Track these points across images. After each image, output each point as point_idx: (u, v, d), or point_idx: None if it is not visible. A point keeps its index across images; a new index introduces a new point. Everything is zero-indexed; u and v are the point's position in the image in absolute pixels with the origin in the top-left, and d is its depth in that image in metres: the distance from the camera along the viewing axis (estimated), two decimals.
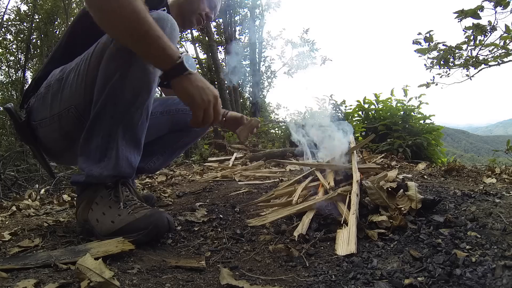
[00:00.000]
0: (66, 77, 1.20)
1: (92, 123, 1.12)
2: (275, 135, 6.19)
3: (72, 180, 1.19)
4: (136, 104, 1.12)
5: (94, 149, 1.13)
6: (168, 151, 1.64)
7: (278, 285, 0.84)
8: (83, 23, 1.30)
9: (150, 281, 0.83)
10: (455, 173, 2.15)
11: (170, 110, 1.61)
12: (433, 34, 3.11)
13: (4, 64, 10.86)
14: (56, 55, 1.35)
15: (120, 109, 1.10)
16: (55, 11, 10.14)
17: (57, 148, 1.33)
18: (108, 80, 1.09)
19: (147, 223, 1.04)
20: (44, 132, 1.28)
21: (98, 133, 1.12)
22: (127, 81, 1.08)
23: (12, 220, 1.52)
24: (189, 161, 4.43)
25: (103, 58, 1.10)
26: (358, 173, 1.42)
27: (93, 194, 1.15)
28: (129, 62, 1.08)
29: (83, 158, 1.15)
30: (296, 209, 1.26)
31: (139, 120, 1.15)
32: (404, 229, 1.09)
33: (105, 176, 1.13)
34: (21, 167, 4.39)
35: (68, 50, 1.32)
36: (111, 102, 1.09)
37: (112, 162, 1.12)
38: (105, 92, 1.09)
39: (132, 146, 1.17)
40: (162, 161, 1.65)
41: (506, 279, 0.75)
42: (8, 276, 0.80)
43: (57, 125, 1.23)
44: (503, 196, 1.43)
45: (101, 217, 1.10)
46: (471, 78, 3.13)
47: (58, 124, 1.23)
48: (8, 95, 10.72)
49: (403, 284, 0.77)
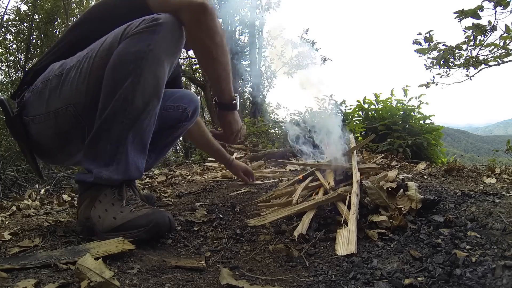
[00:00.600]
0: (67, 74, 1.18)
1: (100, 127, 1.12)
2: (275, 135, 6.19)
3: (78, 179, 1.18)
4: (146, 110, 1.13)
5: (101, 152, 1.13)
6: (159, 147, 1.65)
7: (278, 285, 0.84)
8: (93, 22, 1.30)
9: (150, 281, 0.83)
10: (455, 173, 2.15)
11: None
12: (433, 34, 3.11)
13: (4, 64, 10.87)
14: (58, 49, 1.33)
15: (130, 115, 1.11)
16: (55, 11, 10.14)
17: (50, 146, 1.30)
18: (119, 85, 1.09)
19: (148, 221, 1.05)
20: (37, 129, 1.25)
21: (107, 138, 1.12)
22: (139, 87, 1.09)
23: (12, 220, 1.52)
24: (189, 161, 4.43)
25: (110, 60, 1.11)
26: (358, 173, 1.42)
27: (96, 193, 1.15)
28: (140, 67, 1.08)
29: (90, 160, 1.15)
30: (296, 209, 1.26)
31: (148, 125, 1.16)
32: (404, 229, 1.09)
33: (114, 179, 1.14)
34: (21, 167, 4.39)
35: (71, 44, 1.31)
36: (122, 108, 1.10)
37: (122, 167, 1.13)
38: (115, 97, 1.09)
39: (139, 151, 1.18)
40: (154, 158, 1.65)
41: (506, 279, 0.75)
42: (8, 276, 0.80)
43: (53, 123, 1.21)
44: (503, 196, 1.43)
45: (103, 213, 1.10)
46: (471, 78, 3.13)
47: (53, 122, 1.21)
48: (8, 95, 10.73)
49: (403, 284, 0.77)
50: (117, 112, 1.10)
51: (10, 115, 1.26)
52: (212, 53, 1.21)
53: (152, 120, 1.18)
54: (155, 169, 3.70)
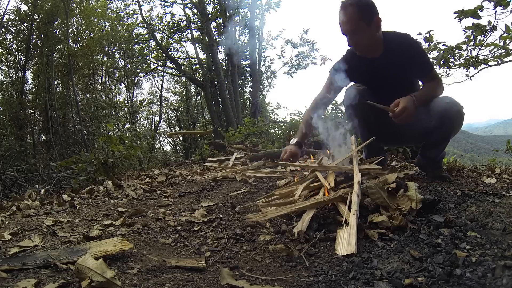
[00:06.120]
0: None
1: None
2: (275, 135, 6.18)
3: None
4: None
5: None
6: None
7: (278, 285, 0.84)
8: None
9: (150, 281, 0.83)
10: (455, 173, 2.15)
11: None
12: (433, 34, 3.11)
13: (4, 64, 10.85)
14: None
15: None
16: (55, 11, 10.12)
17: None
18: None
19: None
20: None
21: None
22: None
23: (12, 220, 1.52)
24: (189, 161, 4.43)
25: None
26: (359, 174, 1.42)
27: None
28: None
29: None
30: (297, 207, 1.26)
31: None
32: (404, 229, 1.09)
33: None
34: (21, 167, 4.39)
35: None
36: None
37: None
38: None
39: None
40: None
41: (506, 279, 0.75)
42: (8, 276, 0.80)
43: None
44: (503, 196, 1.43)
45: None
46: (471, 78, 3.13)
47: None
48: (8, 95, 10.71)
49: (403, 284, 0.77)
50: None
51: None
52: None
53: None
54: (155, 169, 3.70)
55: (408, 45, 1.73)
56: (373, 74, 1.79)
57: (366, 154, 2.10)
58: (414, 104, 1.58)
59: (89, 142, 9.53)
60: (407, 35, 1.76)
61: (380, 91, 1.86)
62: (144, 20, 11.39)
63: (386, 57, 1.74)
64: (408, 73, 1.78)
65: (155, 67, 13.68)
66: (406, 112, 1.55)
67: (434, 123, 1.70)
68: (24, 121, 9.96)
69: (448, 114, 1.66)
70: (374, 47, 1.73)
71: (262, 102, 12.03)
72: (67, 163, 3.42)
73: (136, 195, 2.05)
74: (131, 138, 4.06)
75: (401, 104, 1.56)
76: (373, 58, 1.76)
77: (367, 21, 1.65)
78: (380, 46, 1.75)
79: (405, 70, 1.75)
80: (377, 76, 1.80)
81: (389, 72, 1.76)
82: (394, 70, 1.75)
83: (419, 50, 1.76)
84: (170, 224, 1.38)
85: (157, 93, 16.90)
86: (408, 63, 1.71)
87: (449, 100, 1.68)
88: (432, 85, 1.75)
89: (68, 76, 10.83)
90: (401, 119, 1.56)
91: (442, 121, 1.67)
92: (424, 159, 1.95)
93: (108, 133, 8.55)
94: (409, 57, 1.71)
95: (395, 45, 1.73)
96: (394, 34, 1.77)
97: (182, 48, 13.31)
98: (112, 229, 1.33)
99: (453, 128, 1.72)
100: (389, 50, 1.74)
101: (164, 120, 17.55)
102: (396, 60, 1.72)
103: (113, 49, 13.22)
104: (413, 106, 1.57)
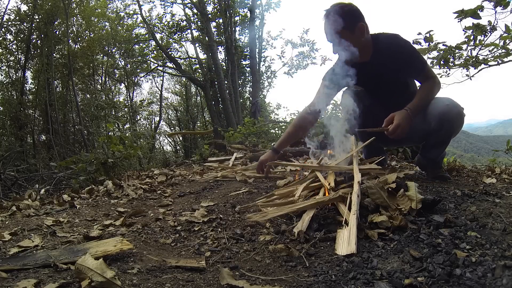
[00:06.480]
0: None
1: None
2: (275, 135, 6.19)
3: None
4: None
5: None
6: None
7: (278, 285, 0.84)
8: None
9: (150, 281, 0.83)
10: (455, 173, 2.15)
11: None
12: (433, 34, 3.11)
13: (4, 64, 10.85)
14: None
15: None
16: (55, 11, 10.12)
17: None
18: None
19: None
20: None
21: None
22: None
23: (12, 220, 1.52)
24: (189, 161, 4.43)
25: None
26: (359, 174, 1.42)
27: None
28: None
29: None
30: (297, 207, 1.26)
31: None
32: (404, 229, 1.09)
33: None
34: (21, 167, 4.39)
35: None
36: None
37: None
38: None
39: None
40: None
41: (506, 279, 0.75)
42: (8, 276, 0.80)
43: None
44: (503, 196, 1.43)
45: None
46: (471, 78, 3.12)
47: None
48: (8, 95, 10.71)
49: (403, 284, 0.77)
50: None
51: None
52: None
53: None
54: (155, 169, 3.70)
55: (397, 46, 1.72)
56: (366, 78, 1.78)
57: (366, 154, 2.10)
58: (408, 118, 1.59)
59: (89, 142, 9.53)
60: (396, 36, 1.74)
61: (376, 93, 1.86)
62: (144, 20, 11.40)
63: (377, 60, 1.73)
64: (401, 74, 1.77)
65: (155, 67, 13.70)
66: (400, 129, 1.56)
67: (434, 126, 1.70)
68: (24, 121, 9.96)
69: (447, 116, 1.66)
70: (362, 52, 1.71)
71: (262, 102, 12.03)
72: (67, 163, 3.42)
73: (136, 195, 2.05)
74: (131, 138, 4.06)
75: (395, 121, 1.57)
76: (364, 62, 1.75)
77: (350, 28, 1.65)
78: (369, 49, 1.74)
79: (397, 71, 1.74)
80: (370, 79, 1.80)
81: (382, 74, 1.76)
82: (386, 72, 1.74)
83: (410, 50, 1.73)
84: (170, 224, 1.38)
85: (157, 93, 16.94)
86: (399, 63, 1.70)
87: (448, 102, 1.68)
88: (427, 87, 1.73)
89: (68, 76, 10.83)
90: (395, 135, 1.57)
91: (442, 123, 1.67)
92: (424, 159, 1.95)
93: (108, 133, 8.56)
94: (400, 57, 1.69)
95: (384, 47, 1.72)
96: (383, 36, 1.76)
97: (182, 48, 13.34)
98: (112, 229, 1.33)
99: (453, 130, 1.72)
100: (378, 52, 1.74)
101: (164, 120, 17.58)
102: (387, 61, 1.71)
103: (113, 49, 13.23)
104: (407, 121, 1.58)
